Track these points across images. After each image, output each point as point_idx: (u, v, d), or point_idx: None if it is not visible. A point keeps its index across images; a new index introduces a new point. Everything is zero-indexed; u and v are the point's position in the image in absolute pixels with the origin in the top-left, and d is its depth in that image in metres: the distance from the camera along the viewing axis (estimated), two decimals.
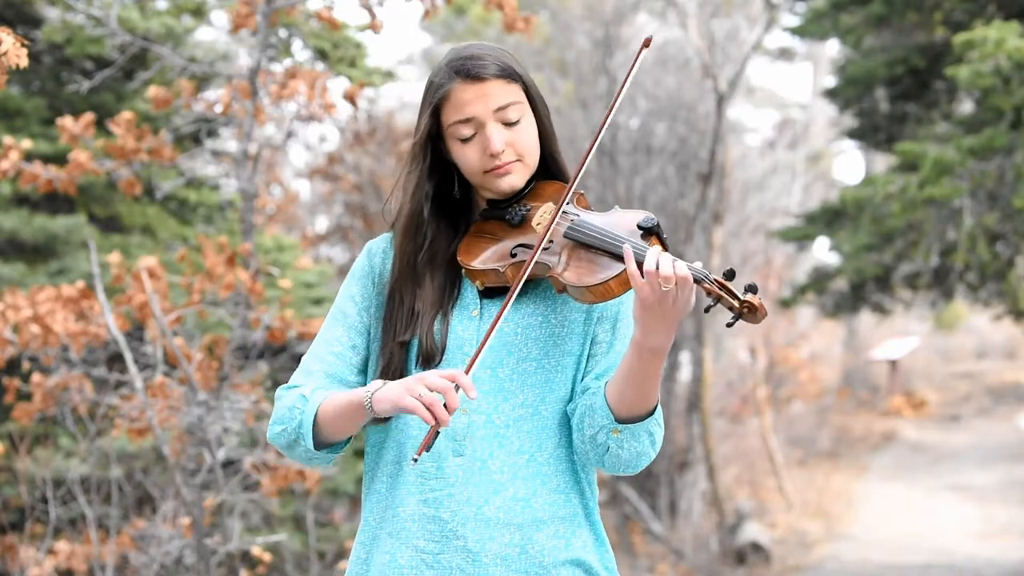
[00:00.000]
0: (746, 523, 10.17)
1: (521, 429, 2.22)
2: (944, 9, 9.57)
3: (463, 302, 2.27)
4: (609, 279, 2.11)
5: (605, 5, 11.50)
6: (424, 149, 2.28)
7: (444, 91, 2.23)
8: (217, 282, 5.35)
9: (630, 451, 2.19)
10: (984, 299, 11.31)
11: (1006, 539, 10.31)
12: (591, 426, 2.19)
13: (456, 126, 2.24)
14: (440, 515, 2.19)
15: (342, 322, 2.32)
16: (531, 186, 2.31)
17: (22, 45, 2.69)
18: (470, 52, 2.24)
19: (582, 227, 2.18)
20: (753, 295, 2.04)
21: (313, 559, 7.27)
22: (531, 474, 2.21)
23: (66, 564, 5.64)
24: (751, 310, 2.04)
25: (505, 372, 2.22)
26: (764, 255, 15.08)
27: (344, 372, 2.28)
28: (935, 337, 25.21)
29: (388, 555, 2.23)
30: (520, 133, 2.25)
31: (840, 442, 15.86)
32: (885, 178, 8.40)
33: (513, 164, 2.25)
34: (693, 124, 11.07)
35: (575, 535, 2.24)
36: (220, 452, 5.23)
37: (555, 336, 2.25)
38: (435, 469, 2.20)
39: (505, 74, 2.23)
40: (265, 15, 5.58)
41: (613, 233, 2.15)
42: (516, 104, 2.24)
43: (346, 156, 11.71)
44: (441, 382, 2.01)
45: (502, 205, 2.30)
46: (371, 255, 2.37)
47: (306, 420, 2.19)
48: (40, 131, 7.25)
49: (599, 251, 2.15)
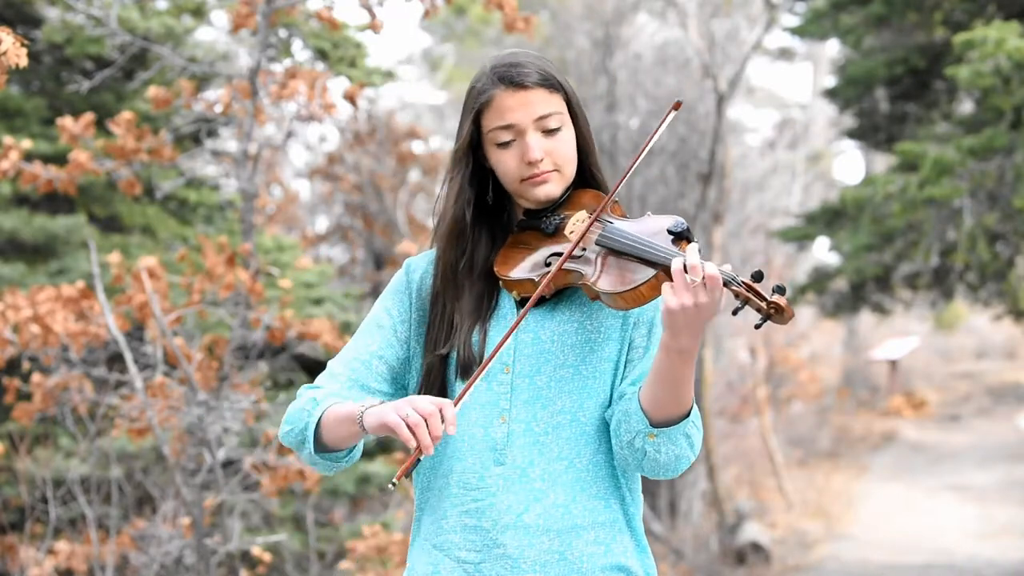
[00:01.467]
0: (746, 523, 10.17)
1: (560, 436, 2.23)
2: (944, 9, 9.57)
3: (500, 312, 2.28)
4: (639, 284, 2.12)
5: (605, 5, 11.49)
6: (466, 155, 2.29)
7: (487, 97, 2.24)
8: (217, 282, 5.35)
9: (668, 455, 2.19)
10: (984, 299, 11.30)
11: (1006, 539, 10.31)
12: (628, 431, 2.20)
13: (496, 132, 2.24)
14: (481, 524, 2.21)
15: (374, 332, 2.32)
16: (568, 195, 2.32)
17: (22, 45, 2.69)
18: (515, 59, 2.25)
19: (613, 234, 2.19)
20: (780, 296, 2.06)
21: (313, 559, 7.27)
22: (570, 480, 2.22)
23: (66, 564, 5.64)
24: (778, 311, 2.06)
25: (543, 380, 2.24)
26: (764, 255, 15.08)
27: (368, 379, 2.29)
28: (935, 337, 25.21)
29: (431, 566, 2.24)
30: (559, 143, 2.26)
31: (840, 442, 15.86)
32: (885, 178, 8.39)
33: (551, 173, 2.26)
34: (693, 124, 11.06)
35: (615, 540, 2.25)
36: (220, 452, 5.23)
37: (591, 343, 2.26)
38: (477, 479, 2.22)
39: (548, 83, 2.24)
40: (265, 15, 5.57)
41: (643, 239, 2.16)
42: (557, 114, 2.25)
43: (346, 156, 11.71)
44: (428, 407, 2.02)
45: (538, 215, 2.31)
46: (410, 271, 2.37)
47: (311, 423, 2.20)
48: (40, 131, 7.25)
49: (631, 257, 2.16)
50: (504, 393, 2.23)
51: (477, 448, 2.22)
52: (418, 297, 2.34)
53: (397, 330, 2.32)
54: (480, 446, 2.22)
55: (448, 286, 2.29)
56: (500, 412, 2.22)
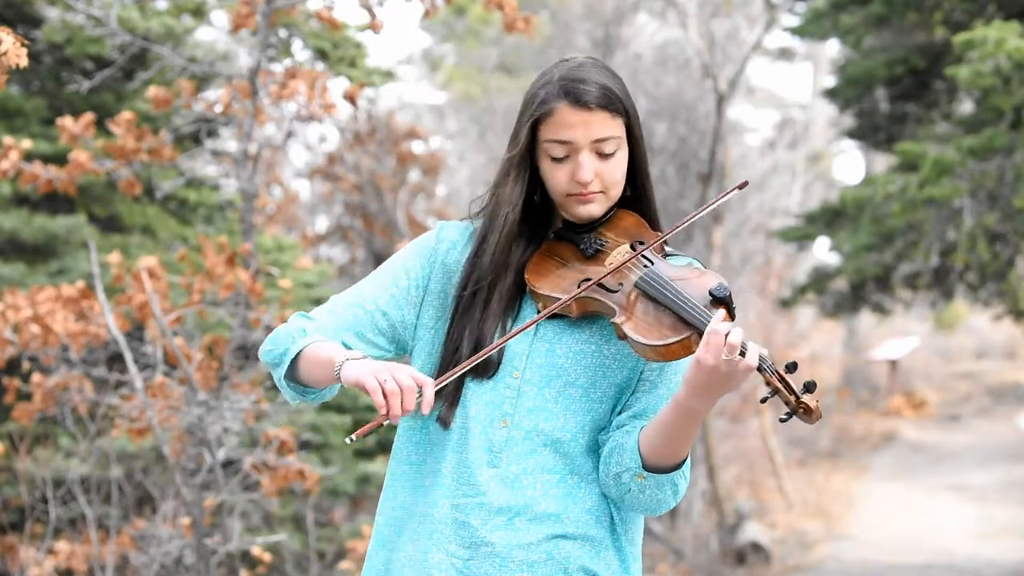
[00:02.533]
0: (746, 523, 10.17)
1: (558, 451, 2.23)
2: (944, 9, 9.57)
3: (522, 316, 2.28)
4: (673, 343, 2.10)
5: (605, 5, 11.50)
6: (524, 160, 2.27)
7: (548, 108, 2.22)
8: (217, 282, 5.35)
9: (651, 498, 2.20)
10: (984, 299, 11.30)
11: (1006, 539, 10.31)
12: (617, 464, 2.20)
13: (551, 144, 2.23)
14: (470, 521, 2.20)
15: (388, 286, 2.31)
16: (610, 214, 2.30)
17: (22, 45, 2.69)
18: (584, 75, 2.23)
19: (654, 281, 2.17)
20: (810, 395, 2.04)
21: (313, 559, 7.28)
22: (563, 494, 2.22)
23: (66, 564, 5.64)
24: (807, 411, 2.04)
25: (551, 393, 2.23)
26: (764, 255, 15.08)
27: (367, 330, 2.28)
28: (935, 337, 25.20)
29: (421, 553, 2.23)
30: (611, 166, 2.24)
31: (840, 442, 15.85)
32: (885, 178, 8.39)
33: (597, 195, 2.25)
34: (693, 124, 11.07)
35: (599, 556, 2.25)
36: (220, 452, 5.23)
37: (604, 367, 2.25)
38: (469, 476, 2.21)
39: (612, 107, 2.22)
40: (265, 15, 5.57)
41: (686, 297, 2.13)
42: (615, 138, 2.23)
43: (346, 156, 11.71)
44: (408, 381, 2.02)
45: (579, 230, 2.29)
46: (440, 239, 2.35)
47: (292, 350, 2.20)
48: (40, 131, 7.25)
49: (667, 309, 2.14)
50: (510, 397, 2.23)
51: (473, 444, 2.22)
52: (442, 266, 2.32)
53: (411, 292, 2.31)
54: (477, 443, 2.22)
55: (482, 283, 2.26)
56: (503, 415, 2.22)
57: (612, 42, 11.20)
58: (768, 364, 2.05)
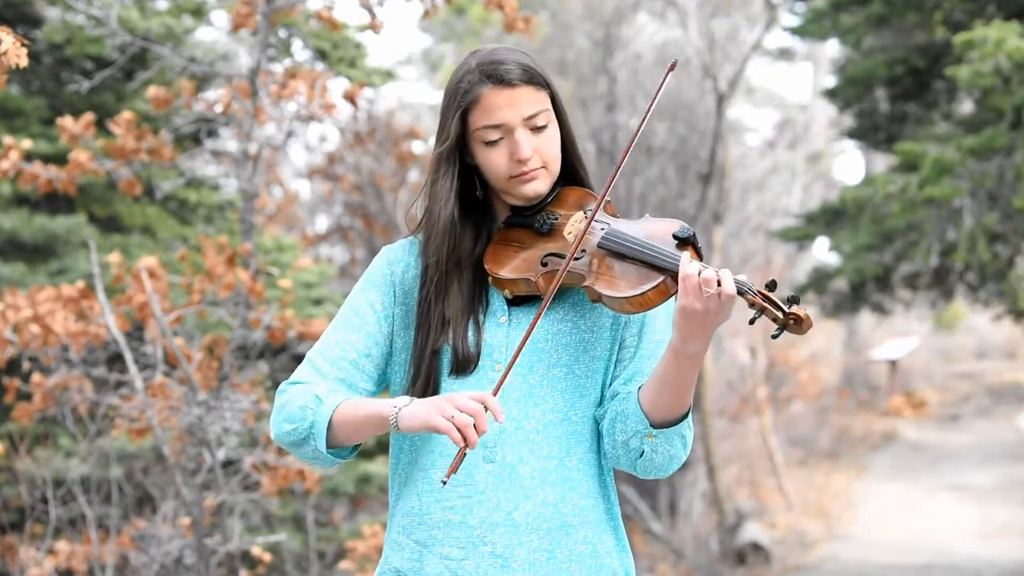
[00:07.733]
0: (746, 523, 10.17)
1: (551, 435, 2.23)
2: (944, 9, 9.56)
3: (491, 309, 2.28)
4: (648, 290, 2.11)
5: (605, 5, 11.50)
6: (453, 153, 2.28)
7: (474, 95, 2.23)
8: (217, 282, 5.35)
9: (663, 455, 2.21)
10: (984, 299, 11.30)
11: (1006, 539, 10.31)
12: (624, 431, 2.20)
13: (484, 130, 2.24)
14: (467, 521, 2.20)
15: (359, 328, 2.30)
16: (555, 193, 2.31)
17: (22, 45, 2.69)
18: (500, 57, 2.24)
19: (618, 237, 2.18)
20: (797, 306, 2.04)
21: (313, 559, 7.28)
22: (560, 479, 2.23)
23: (66, 564, 5.64)
24: (796, 321, 2.05)
25: (535, 378, 2.23)
26: (764, 255, 15.08)
27: (357, 380, 2.28)
28: (935, 337, 25.21)
29: (414, 562, 2.24)
30: (546, 140, 2.26)
31: (840, 442, 15.86)
32: (885, 178, 8.39)
33: (539, 171, 2.26)
34: (693, 124, 11.07)
35: (600, 540, 2.26)
36: (220, 452, 5.23)
37: (584, 342, 2.26)
38: (464, 476, 2.21)
39: (534, 81, 2.24)
40: (265, 15, 5.58)
41: (651, 244, 2.14)
42: (544, 111, 2.25)
43: (346, 156, 11.71)
44: (472, 405, 2.02)
45: (527, 212, 2.30)
46: (391, 263, 2.35)
47: (320, 421, 2.17)
48: (40, 131, 7.25)
49: (635, 261, 2.15)
50: None
51: None
52: (401, 291, 2.32)
53: (381, 325, 2.30)
54: None
55: (441, 283, 2.27)
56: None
57: (612, 42, 11.20)
58: (748, 286, 2.06)
